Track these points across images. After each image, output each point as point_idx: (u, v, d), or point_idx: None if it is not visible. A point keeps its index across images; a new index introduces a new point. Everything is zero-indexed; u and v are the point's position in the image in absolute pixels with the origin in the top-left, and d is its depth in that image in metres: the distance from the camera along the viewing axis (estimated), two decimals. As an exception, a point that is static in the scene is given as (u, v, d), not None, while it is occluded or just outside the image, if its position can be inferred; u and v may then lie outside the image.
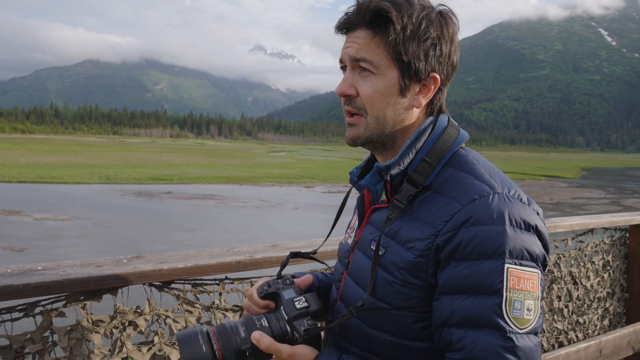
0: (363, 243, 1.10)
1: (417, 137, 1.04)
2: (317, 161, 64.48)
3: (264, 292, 1.09)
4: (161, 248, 13.33)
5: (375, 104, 1.02)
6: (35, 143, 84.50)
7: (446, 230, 0.93)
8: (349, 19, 1.03)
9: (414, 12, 0.99)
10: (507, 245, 0.90)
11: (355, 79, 1.04)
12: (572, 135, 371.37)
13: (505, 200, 0.93)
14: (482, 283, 0.89)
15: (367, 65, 1.01)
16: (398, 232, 1.00)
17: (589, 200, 31.96)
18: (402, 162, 1.02)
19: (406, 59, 1.00)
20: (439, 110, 1.09)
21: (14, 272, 1.47)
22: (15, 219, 17.20)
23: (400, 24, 0.98)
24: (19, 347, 1.45)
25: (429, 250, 0.94)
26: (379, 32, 1.00)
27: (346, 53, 1.04)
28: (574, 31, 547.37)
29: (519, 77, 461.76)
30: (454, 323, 0.91)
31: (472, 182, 0.97)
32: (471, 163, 1.02)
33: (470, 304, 0.89)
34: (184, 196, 25.60)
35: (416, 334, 0.98)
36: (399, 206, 1.01)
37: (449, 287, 0.92)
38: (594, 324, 3.36)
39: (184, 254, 1.80)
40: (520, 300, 0.89)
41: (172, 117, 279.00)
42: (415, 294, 0.97)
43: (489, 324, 0.88)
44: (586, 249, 3.27)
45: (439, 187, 1.00)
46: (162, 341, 1.69)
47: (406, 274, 0.96)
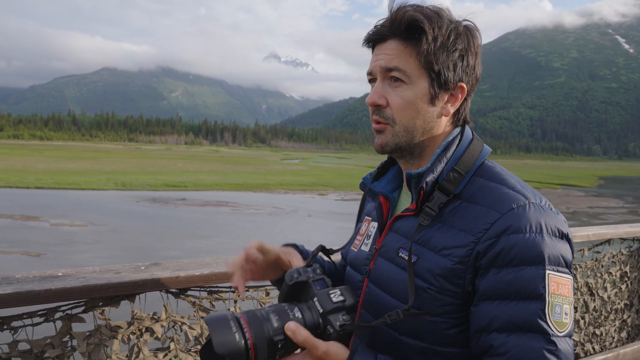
0: (388, 250, 1.10)
1: (446, 147, 1.08)
2: (330, 169, 64.48)
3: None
4: (175, 254, 13.42)
5: (404, 114, 1.05)
6: (52, 149, 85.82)
7: (487, 238, 0.95)
8: (380, 31, 1.06)
9: (443, 24, 1.03)
10: (546, 253, 0.94)
11: (385, 89, 1.06)
12: (588, 144, 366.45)
13: (540, 209, 0.98)
14: (525, 288, 0.92)
15: (399, 74, 1.04)
16: (430, 240, 1.02)
17: (606, 209, 31.47)
18: (435, 170, 1.04)
19: (437, 68, 1.03)
20: (464, 121, 1.13)
21: (36, 278, 1.50)
22: (33, 224, 17.46)
23: (432, 34, 1.01)
24: (39, 352, 1.48)
25: (468, 257, 0.96)
26: (410, 42, 1.03)
27: (377, 65, 1.06)
28: (591, 38, 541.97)
29: (535, 84, 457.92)
30: (495, 328, 0.93)
31: (507, 192, 1.00)
32: (501, 174, 1.06)
33: (512, 309, 0.92)
34: (198, 203, 25.76)
35: (449, 339, 1.00)
36: (431, 213, 1.03)
37: (490, 293, 0.94)
38: (611, 336, 3.30)
39: (200, 262, 1.82)
40: (560, 305, 0.93)
41: (187, 125, 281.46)
42: (451, 300, 0.98)
43: (533, 328, 0.90)
44: (603, 260, 3.23)
45: (472, 197, 1.03)
46: (178, 347, 1.71)
47: (443, 281, 0.98)
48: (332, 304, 0.97)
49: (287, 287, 1.03)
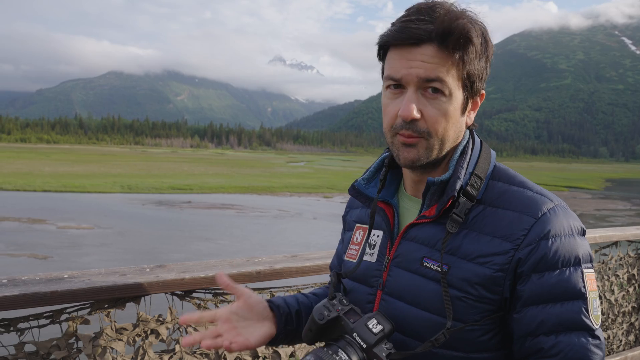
0: (407, 260, 1.05)
1: (463, 152, 1.05)
2: (335, 171, 64.46)
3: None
4: (181, 257, 13.45)
5: (440, 127, 0.99)
6: (59, 153, 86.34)
7: (526, 244, 0.96)
8: (416, 34, 0.95)
9: (478, 29, 0.98)
10: (580, 252, 0.98)
11: (420, 100, 0.98)
12: (595, 146, 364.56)
13: (565, 211, 1.01)
14: (569, 290, 0.95)
15: (440, 86, 0.96)
16: (460, 248, 0.99)
17: (613, 212, 31.28)
18: (460, 176, 1.01)
19: (473, 79, 1.00)
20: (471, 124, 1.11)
21: (42, 280, 1.51)
22: (40, 227, 17.56)
23: (476, 46, 0.97)
24: (45, 354, 1.49)
25: (509, 264, 0.96)
26: (455, 52, 0.95)
27: (411, 72, 0.96)
28: (597, 40, 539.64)
29: (540, 86, 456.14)
30: (544, 331, 0.95)
31: (532, 195, 1.01)
32: (517, 176, 1.06)
33: (559, 311, 0.95)
34: (204, 206, 25.82)
35: (483, 345, 1.00)
36: (458, 220, 1.00)
37: (535, 298, 0.96)
38: (619, 339, 3.28)
39: (205, 264, 1.82)
40: (595, 300, 0.98)
41: (192, 128, 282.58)
42: (487, 307, 0.98)
43: (580, 326, 0.95)
44: (610, 262, 3.21)
45: (496, 201, 1.01)
46: (183, 350, 1.71)
47: (481, 289, 0.97)
48: (374, 337, 0.93)
49: (318, 326, 0.99)
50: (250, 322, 1.10)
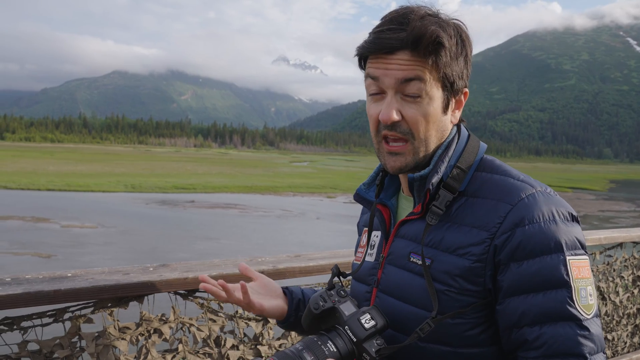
0: (397, 257, 1.07)
1: (447, 146, 1.06)
2: (339, 171, 64.46)
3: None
4: (184, 256, 13.47)
5: (422, 127, 1.01)
6: (64, 152, 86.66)
7: (502, 232, 0.95)
8: (388, 44, 0.98)
9: (452, 32, 1.00)
10: (563, 239, 0.94)
11: (399, 103, 1.00)
12: (599, 147, 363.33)
13: (548, 196, 0.98)
14: (550, 278, 0.92)
15: (416, 88, 0.99)
16: (442, 241, 1.00)
17: (617, 213, 31.16)
18: (439, 170, 1.02)
19: (451, 79, 1.01)
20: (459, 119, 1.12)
21: (45, 279, 1.51)
22: (44, 226, 17.62)
23: (449, 47, 0.98)
24: (48, 352, 1.48)
25: (487, 254, 0.95)
26: (428, 55, 0.97)
27: (388, 75, 0.99)
28: (602, 41, 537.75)
29: (545, 87, 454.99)
30: (527, 322, 0.92)
31: (512, 182, 1.00)
32: (502, 166, 1.06)
33: (540, 301, 0.92)
34: (207, 205, 25.87)
35: (472, 340, 0.99)
36: (438, 212, 1.01)
37: (515, 288, 0.94)
38: (624, 341, 3.26)
39: (208, 263, 1.82)
40: (584, 288, 0.93)
41: (196, 127, 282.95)
42: (472, 300, 0.97)
43: (565, 316, 0.91)
44: (615, 264, 3.19)
45: (477, 192, 1.02)
46: (186, 349, 1.71)
47: (462, 281, 0.97)
48: (365, 332, 0.94)
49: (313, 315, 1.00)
50: (263, 296, 1.20)
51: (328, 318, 1.00)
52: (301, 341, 0.95)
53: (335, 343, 0.93)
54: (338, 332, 0.96)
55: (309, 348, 0.92)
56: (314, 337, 0.95)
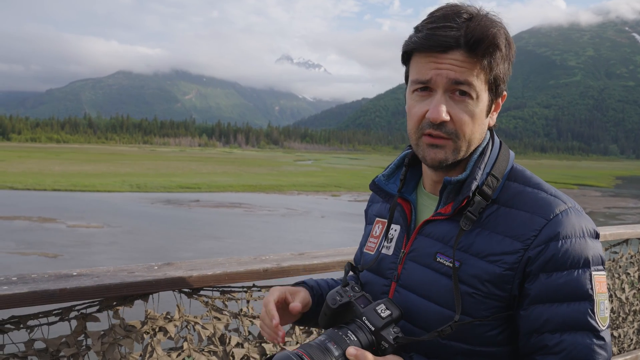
0: (421, 255, 1.08)
1: (482, 153, 1.08)
2: (343, 170, 64.45)
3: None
4: (189, 255, 13.51)
5: (468, 129, 1.02)
6: (69, 152, 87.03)
7: (537, 244, 0.98)
8: (443, 42, 0.97)
9: (503, 34, 1.00)
10: (590, 254, 0.99)
11: (448, 103, 1.00)
12: (605, 143, 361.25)
13: (578, 213, 1.02)
14: (576, 291, 0.97)
15: (466, 88, 0.99)
16: (472, 246, 1.02)
17: (623, 209, 31.01)
18: (477, 177, 1.04)
19: (499, 82, 1.03)
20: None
21: (51, 278, 1.52)
22: (50, 226, 17.72)
23: (503, 51, 1.00)
24: (54, 351, 1.50)
25: (519, 264, 0.98)
26: (483, 57, 0.98)
27: (441, 74, 0.99)
28: (607, 36, 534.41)
29: (549, 83, 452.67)
30: (549, 329, 0.97)
31: (546, 197, 1.03)
32: (534, 177, 1.09)
33: (565, 311, 0.96)
34: (212, 204, 25.92)
35: (491, 340, 1.02)
36: (472, 218, 1.03)
37: (542, 296, 0.98)
38: (630, 338, 3.25)
39: (212, 262, 1.83)
40: (603, 302, 0.99)
41: (200, 127, 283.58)
42: (496, 304, 1.00)
43: (585, 326, 0.96)
44: (621, 260, 3.18)
45: (510, 202, 1.04)
46: (191, 347, 1.72)
47: (491, 287, 1.00)
48: (382, 320, 0.99)
49: (331, 311, 1.04)
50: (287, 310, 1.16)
51: (345, 312, 1.04)
52: (324, 334, 0.99)
53: (355, 333, 0.98)
54: (357, 324, 1.00)
55: (332, 339, 0.96)
56: (335, 329, 0.99)
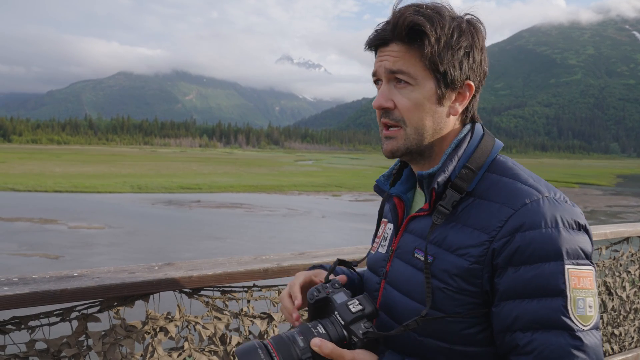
0: (404, 252, 1.09)
1: (457, 145, 1.07)
2: (344, 169, 64.42)
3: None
4: (190, 256, 13.51)
5: (413, 115, 1.04)
6: (70, 154, 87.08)
7: (501, 236, 0.94)
8: (381, 35, 1.05)
9: (445, 23, 1.01)
10: (564, 247, 0.92)
11: (391, 91, 1.05)
12: (606, 142, 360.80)
13: (554, 203, 0.96)
14: (546, 286, 0.91)
15: (404, 77, 1.03)
16: (445, 240, 1.01)
17: (625, 208, 30.98)
18: (447, 170, 1.03)
19: (442, 69, 1.02)
20: (473, 117, 1.12)
21: (52, 278, 1.52)
22: (51, 227, 17.73)
23: (435, 36, 1.00)
24: (55, 351, 1.50)
25: (484, 257, 0.96)
26: (413, 45, 1.01)
27: (381, 66, 1.05)
28: (607, 35, 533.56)
29: (550, 82, 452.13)
30: (519, 327, 0.92)
31: (520, 187, 0.99)
32: (513, 169, 1.05)
33: (535, 307, 0.91)
34: (213, 205, 25.93)
35: (469, 339, 0.99)
36: (444, 212, 1.02)
37: (511, 292, 0.94)
38: (631, 336, 3.25)
39: (213, 262, 1.83)
40: (583, 299, 0.92)
41: (201, 127, 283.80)
42: (469, 299, 0.98)
43: (557, 324, 0.90)
44: (621, 259, 3.18)
45: (484, 193, 1.01)
46: (192, 347, 1.72)
47: (460, 281, 0.98)
48: (351, 315, 1.00)
49: (310, 306, 1.07)
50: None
51: (324, 307, 1.06)
52: (298, 327, 1.02)
53: (325, 327, 1.00)
54: (330, 318, 1.02)
55: (301, 331, 0.99)
56: (308, 324, 1.01)
